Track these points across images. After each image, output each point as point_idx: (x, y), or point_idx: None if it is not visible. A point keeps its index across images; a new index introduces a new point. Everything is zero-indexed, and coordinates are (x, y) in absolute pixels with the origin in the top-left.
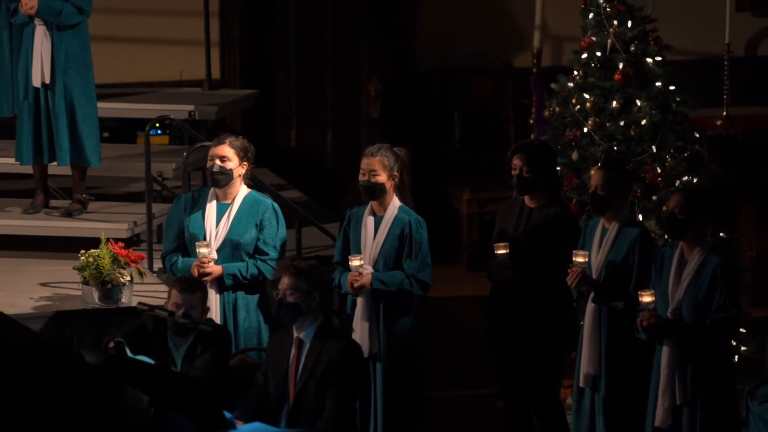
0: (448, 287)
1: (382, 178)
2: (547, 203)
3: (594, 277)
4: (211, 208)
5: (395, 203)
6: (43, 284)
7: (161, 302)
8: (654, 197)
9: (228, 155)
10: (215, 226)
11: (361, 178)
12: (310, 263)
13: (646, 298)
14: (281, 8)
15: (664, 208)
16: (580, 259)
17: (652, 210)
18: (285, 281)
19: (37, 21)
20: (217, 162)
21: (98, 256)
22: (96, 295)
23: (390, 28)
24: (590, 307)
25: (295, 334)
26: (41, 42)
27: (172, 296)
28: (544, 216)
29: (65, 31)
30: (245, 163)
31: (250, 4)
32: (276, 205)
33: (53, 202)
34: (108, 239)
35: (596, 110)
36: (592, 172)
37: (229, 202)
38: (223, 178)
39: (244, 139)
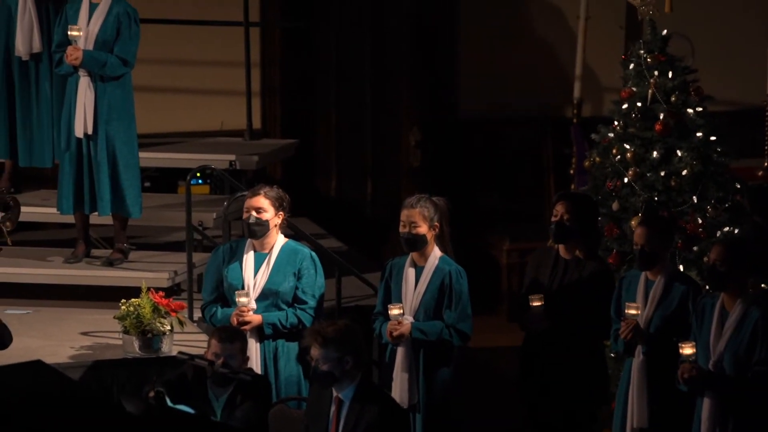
0: (488, 337)
1: (423, 229)
2: (585, 257)
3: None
4: (249, 258)
5: (436, 253)
6: (84, 333)
7: (201, 351)
8: (695, 248)
9: (263, 206)
10: (254, 276)
11: (401, 230)
12: (338, 327)
13: (687, 350)
14: (322, 58)
15: (705, 259)
16: (634, 312)
17: (693, 261)
18: (315, 351)
19: (81, 72)
20: (253, 213)
21: (139, 305)
22: (136, 344)
23: (430, 77)
24: (639, 360)
25: (335, 394)
26: (85, 92)
27: (211, 346)
28: (582, 270)
29: (109, 82)
30: (281, 213)
31: (291, 54)
32: (314, 254)
33: (95, 252)
34: (149, 288)
35: (637, 160)
36: (633, 224)
37: (266, 252)
38: (260, 229)
39: (279, 189)
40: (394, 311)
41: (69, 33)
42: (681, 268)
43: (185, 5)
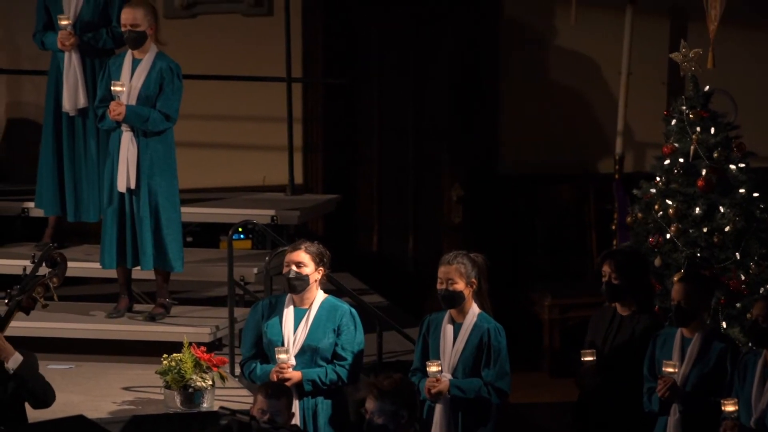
0: (530, 393)
1: (460, 285)
2: (638, 311)
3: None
4: (289, 313)
5: (474, 310)
6: (126, 388)
7: (243, 407)
8: (738, 304)
9: (304, 261)
10: (293, 332)
11: (438, 286)
12: (394, 380)
13: (730, 407)
14: (364, 114)
15: (748, 315)
16: (671, 369)
17: (736, 317)
18: (370, 403)
19: (124, 127)
20: (293, 268)
21: (180, 360)
22: (178, 399)
23: (472, 134)
24: (675, 418)
25: None
26: (127, 147)
27: (257, 402)
28: (634, 324)
29: (151, 137)
30: (321, 268)
31: (333, 110)
32: (353, 310)
33: (137, 306)
34: (190, 343)
35: (679, 216)
36: (675, 280)
37: (306, 307)
38: (300, 284)
39: (319, 244)
40: (433, 368)
41: (112, 88)
42: (723, 324)
43: (228, 61)
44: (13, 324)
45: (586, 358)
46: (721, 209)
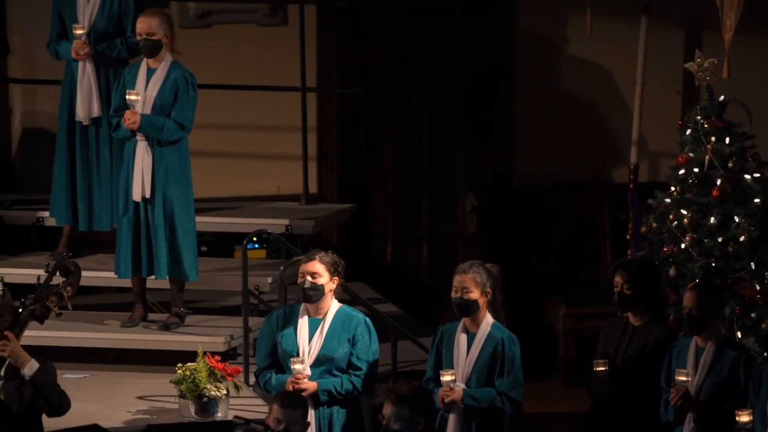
0: (544, 403)
1: (475, 294)
2: (650, 321)
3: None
4: (303, 323)
5: (488, 320)
6: (140, 397)
7: (257, 416)
8: (752, 314)
9: (318, 271)
10: (308, 342)
11: (453, 295)
12: (412, 386)
13: (744, 417)
14: (378, 123)
15: (763, 325)
16: (683, 378)
17: (751, 327)
18: (388, 409)
19: (138, 136)
20: (308, 278)
21: (195, 369)
22: (192, 408)
23: (487, 143)
24: (690, 427)
25: None
26: (142, 157)
27: (273, 411)
28: (647, 334)
29: (166, 146)
30: (335, 278)
31: (347, 119)
32: (368, 319)
33: (151, 316)
34: (205, 353)
35: (694, 226)
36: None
37: (320, 317)
38: (315, 294)
39: (334, 254)
40: (446, 377)
41: (127, 97)
42: (738, 334)
43: (242, 71)
44: (27, 333)
45: (599, 368)
46: (736, 219)
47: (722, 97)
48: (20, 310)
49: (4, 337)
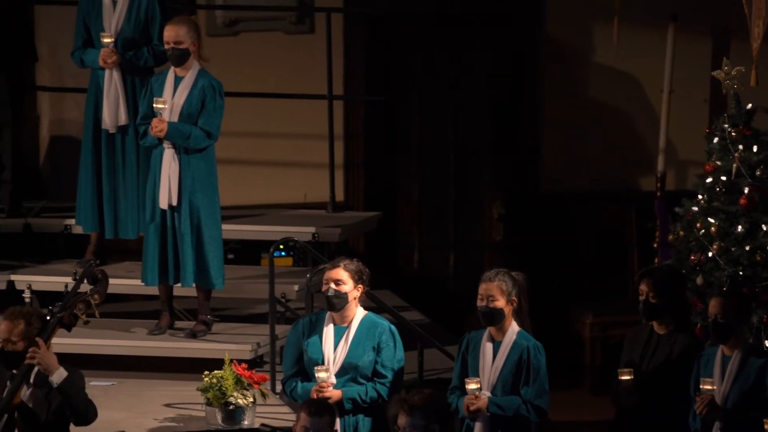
0: (571, 411)
1: (500, 303)
2: (676, 329)
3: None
4: (329, 331)
5: (514, 328)
6: (167, 405)
7: (284, 424)
8: None
9: (343, 279)
10: (333, 350)
11: (479, 303)
12: (424, 395)
13: None
14: (405, 131)
15: None
16: (709, 387)
17: None
18: (402, 419)
19: (165, 144)
20: (332, 286)
21: (222, 377)
22: (219, 416)
23: (513, 151)
24: None
25: None
26: (169, 164)
27: (300, 419)
28: (672, 343)
29: (193, 154)
30: (360, 285)
31: (374, 127)
32: (393, 327)
33: (178, 323)
34: (231, 360)
35: (721, 235)
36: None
37: (345, 325)
38: (339, 302)
39: (358, 261)
40: (472, 385)
41: (154, 105)
42: (767, 343)
43: (269, 79)
44: (55, 340)
45: (624, 377)
46: (764, 227)
47: (750, 105)
48: (48, 318)
49: (33, 344)
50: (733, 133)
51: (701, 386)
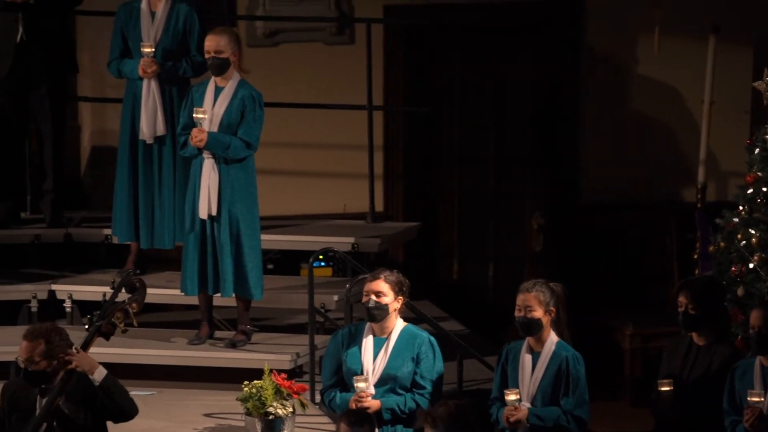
0: (611, 423)
1: (538, 313)
2: (715, 341)
3: None
4: (368, 342)
5: (552, 338)
6: (207, 415)
7: None
8: None
9: (383, 290)
10: (372, 360)
11: (516, 313)
12: (449, 408)
13: None
14: (445, 142)
15: None
16: (756, 399)
17: None
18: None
19: (205, 154)
20: (373, 297)
21: (261, 387)
22: (259, 426)
23: (553, 162)
24: None
25: None
26: (209, 175)
27: (341, 429)
28: (711, 354)
29: (232, 164)
30: (400, 297)
31: (413, 138)
32: (432, 338)
33: (218, 333)
34: (271, 370)
35: (762, 245)
36: None
37: (385, 336)
38: (379, 313)
39: (398, 273)
40: (511, 397)
41: (194, 115)
42: None
43: (309, 89)
44: (94, 349)
45: (664, 388)
46: None
47: None
48: (86, 327)
49: (56, 360)
50: None
51: (748, 398)
